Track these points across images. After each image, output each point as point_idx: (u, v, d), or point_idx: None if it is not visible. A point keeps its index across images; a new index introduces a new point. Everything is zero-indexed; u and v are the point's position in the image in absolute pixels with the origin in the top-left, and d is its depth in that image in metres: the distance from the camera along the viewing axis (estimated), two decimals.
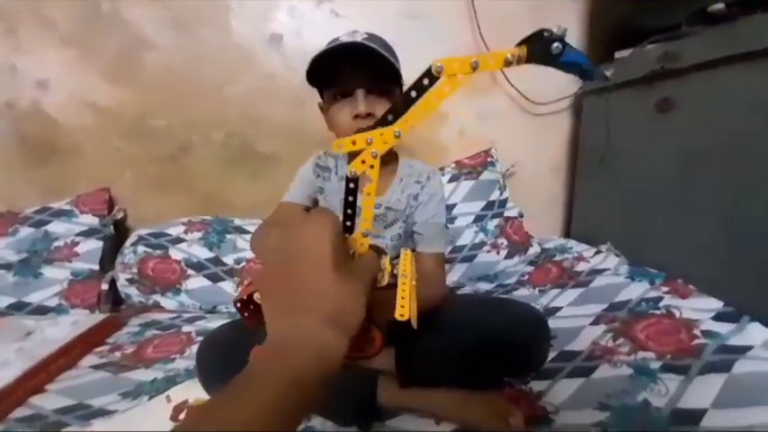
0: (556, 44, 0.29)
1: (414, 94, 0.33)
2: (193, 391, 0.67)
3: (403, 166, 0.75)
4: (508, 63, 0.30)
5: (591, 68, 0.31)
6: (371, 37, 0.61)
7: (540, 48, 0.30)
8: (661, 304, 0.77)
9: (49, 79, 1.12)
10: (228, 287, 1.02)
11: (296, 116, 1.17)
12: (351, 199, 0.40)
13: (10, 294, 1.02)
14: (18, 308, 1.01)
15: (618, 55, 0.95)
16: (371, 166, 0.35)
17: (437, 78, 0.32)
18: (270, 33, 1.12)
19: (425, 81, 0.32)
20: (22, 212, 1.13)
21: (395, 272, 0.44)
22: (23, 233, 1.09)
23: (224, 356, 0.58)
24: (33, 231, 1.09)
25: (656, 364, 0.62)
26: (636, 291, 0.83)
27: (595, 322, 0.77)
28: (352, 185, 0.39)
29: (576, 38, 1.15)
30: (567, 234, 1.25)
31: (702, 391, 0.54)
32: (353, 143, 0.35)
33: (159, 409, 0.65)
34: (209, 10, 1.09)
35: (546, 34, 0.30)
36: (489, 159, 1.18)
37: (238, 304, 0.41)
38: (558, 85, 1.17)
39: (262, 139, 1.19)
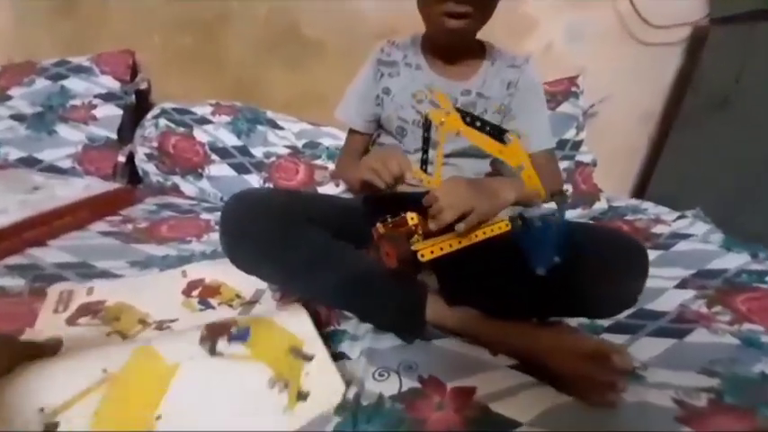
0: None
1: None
2: (211, 272, 0.59)
3: (492, 49, 0.67)
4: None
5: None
6: None
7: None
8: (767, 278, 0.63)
9: None
10: (254, 181, 0.91)
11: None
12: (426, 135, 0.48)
13: (21, 147, 0.94)
14: (29, 163, 0.93)
15: None
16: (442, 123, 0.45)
17: None
18: None
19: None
20: (40, 63, 1.01)
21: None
22: (39, 85, 0.99)
23: (256, 209, 0.48)
24: (50, 84, 0.98)
25: (766, 338, 0.51)
26: (733, 261, 0.70)
27: (681, 286, 0.64)
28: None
29: None
30: (639, 195, 1.08)
31: None
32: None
33: (171, 283, 0.57)
34: None
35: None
36: (573, 89, 0.98)
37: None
38: (681, 8, 0.93)
39: (309, 20, 1.01)
